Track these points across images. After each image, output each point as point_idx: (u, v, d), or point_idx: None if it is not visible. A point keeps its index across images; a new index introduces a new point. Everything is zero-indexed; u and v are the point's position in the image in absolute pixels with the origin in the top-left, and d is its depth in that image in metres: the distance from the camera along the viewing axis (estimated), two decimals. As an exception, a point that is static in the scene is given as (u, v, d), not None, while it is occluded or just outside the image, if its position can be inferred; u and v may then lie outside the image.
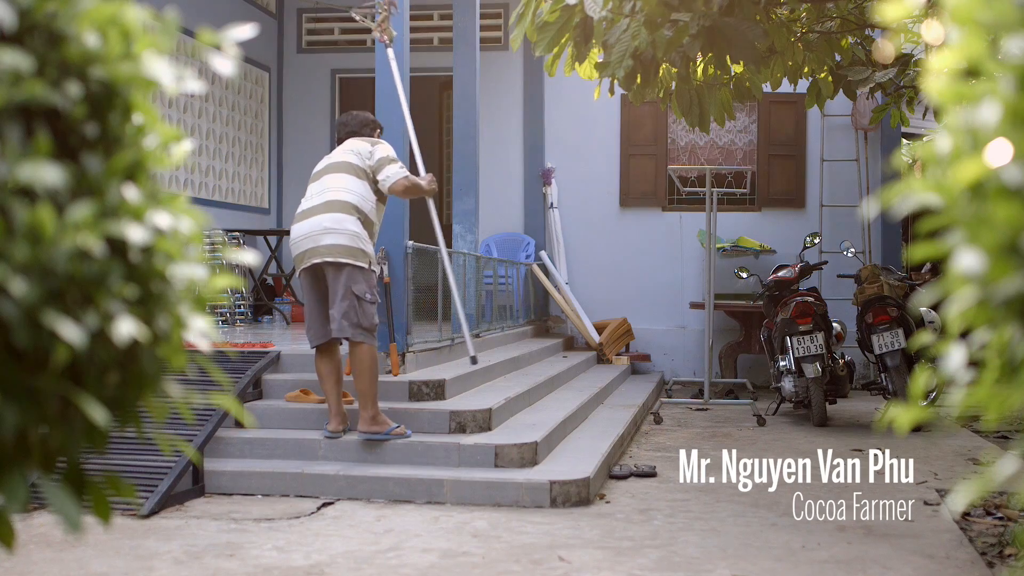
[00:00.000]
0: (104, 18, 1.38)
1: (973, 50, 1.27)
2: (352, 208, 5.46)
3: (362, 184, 5.55)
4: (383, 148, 5.66)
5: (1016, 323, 1.25)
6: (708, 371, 8.58)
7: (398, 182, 5.54)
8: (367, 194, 5.54)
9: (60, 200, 1.30)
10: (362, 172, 5.58)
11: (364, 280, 5.38)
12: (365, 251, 5.41)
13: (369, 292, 5.40)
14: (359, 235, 5.42)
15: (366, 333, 5.39)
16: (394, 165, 5.59)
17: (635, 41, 4.37)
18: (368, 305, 5.39)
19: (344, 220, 5.41)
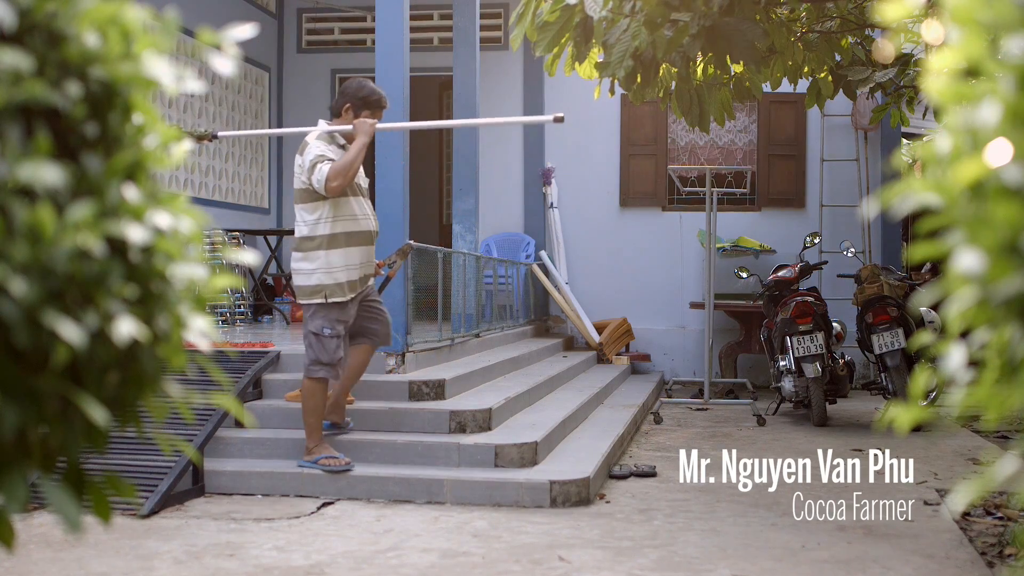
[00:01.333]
0: (104, 18, 1.38)
1: (973, 50, 1.27)
2: (300, 242, 5.22)
3: (307, 207, 5.21)
4: (308, 154, 5.19)
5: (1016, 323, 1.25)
6: (708, 371, 8.58)
7: (328, 186, 5.09)
8: (314, 216, 5.19)
9: (60, 200, 1.30)
10: (304, 194, 5.21)
11: (323, 315, 5.16)
12: (320, 285, 5.14)
13: (327, 327, 5.16)
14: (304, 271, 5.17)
15: (327, 368, 5.18)
16: (316, 168, 5.13)
17: (635, 41, 4.37)
18: (326, 340, 5.15)
19: (295, 260, 5.23)
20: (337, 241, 5.18)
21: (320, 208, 5.18)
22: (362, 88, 5.31)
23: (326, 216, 5.18)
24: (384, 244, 6.51)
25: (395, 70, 6.55)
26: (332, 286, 5.16)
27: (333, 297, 5.16)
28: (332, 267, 5.16)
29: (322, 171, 5.11)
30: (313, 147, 5.21)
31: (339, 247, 5.18)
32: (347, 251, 5.20)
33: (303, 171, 5.19)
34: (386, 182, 6.52)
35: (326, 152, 5.19)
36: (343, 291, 5.19)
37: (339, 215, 5.20)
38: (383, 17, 6.61)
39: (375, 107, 5.31)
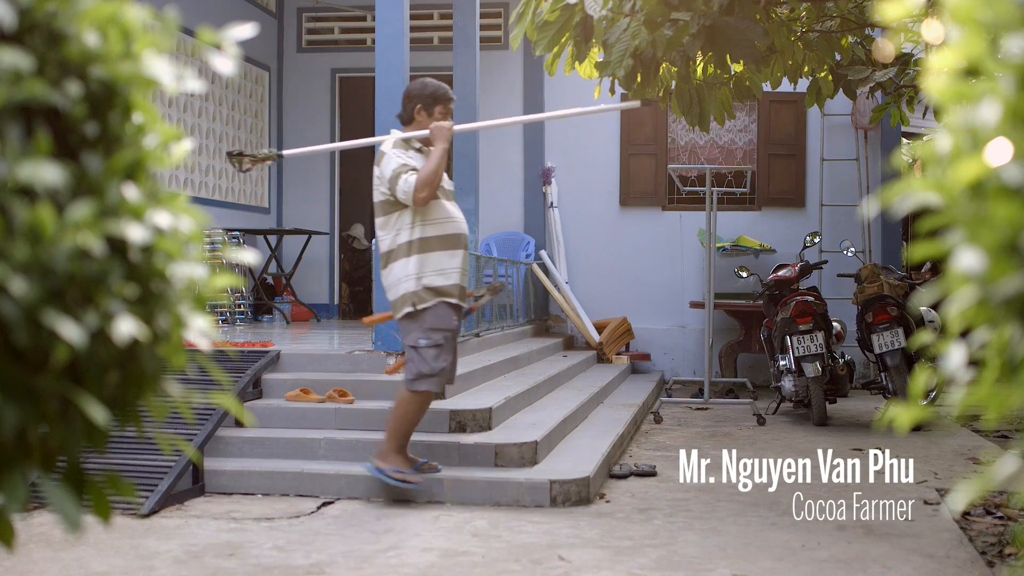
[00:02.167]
0: (104, 17, 1.38)
1: (973, 49, 1.27)
2: (385, 257, 4.97)
3: (389, 219, 4.97)
4: (387, 165, 4.96)
5: (1016, 322, 1.25)
6: (708, 370, 8.58)
7: (417, 197, 4.85)
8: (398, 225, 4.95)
9: (60, 199, 1.30)
10: (386, 205, 4.98)
11: (416, 326, 4.91)
12: (406, 295, 4.90)
13: (422, 337, 4.89)
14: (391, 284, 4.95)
15: (429, 380, 4.91)
16: (400, 180, 4.89)
17: (635, 40, 4.37)
18: (424, 351, 4.88)
19: (384, 276, 5.00)
20: (426, 245, 4.92)
21: (404, 216, 4.93)
22: (426, 86, 5.13)
23: (408, 223, 4.92)
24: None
25: (395, 69, 6.55)
26: (420, 292, 4.89)
27: (422, 304, 4.88)
28: (420, 272, 4.89)
29: (409, 182, 4.85)
30: (392, 157, 4.96)
31: (428, 252, 4.92)
32: (438, 255, 4.93)
33: (383, 182, 4.95)
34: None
35: (407, 160, 4.95)
36: (432, 296, 4.90)
37: (427, 219, 4.94)
38: (383, 16, 6.62)
39: (445, 100, 5.11)
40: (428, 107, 5.08)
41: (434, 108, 5.08)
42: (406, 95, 5.17)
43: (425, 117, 5.08)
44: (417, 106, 5.09)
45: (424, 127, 5.07)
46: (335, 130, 11.82)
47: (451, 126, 5.06)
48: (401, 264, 4.91)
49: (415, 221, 4.93)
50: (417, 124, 5.10)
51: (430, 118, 5.08)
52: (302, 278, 11.29)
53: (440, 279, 4.92)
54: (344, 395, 6.00)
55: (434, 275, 4.90)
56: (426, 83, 5.17)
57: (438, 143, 4.98)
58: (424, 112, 5.08)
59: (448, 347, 4.95)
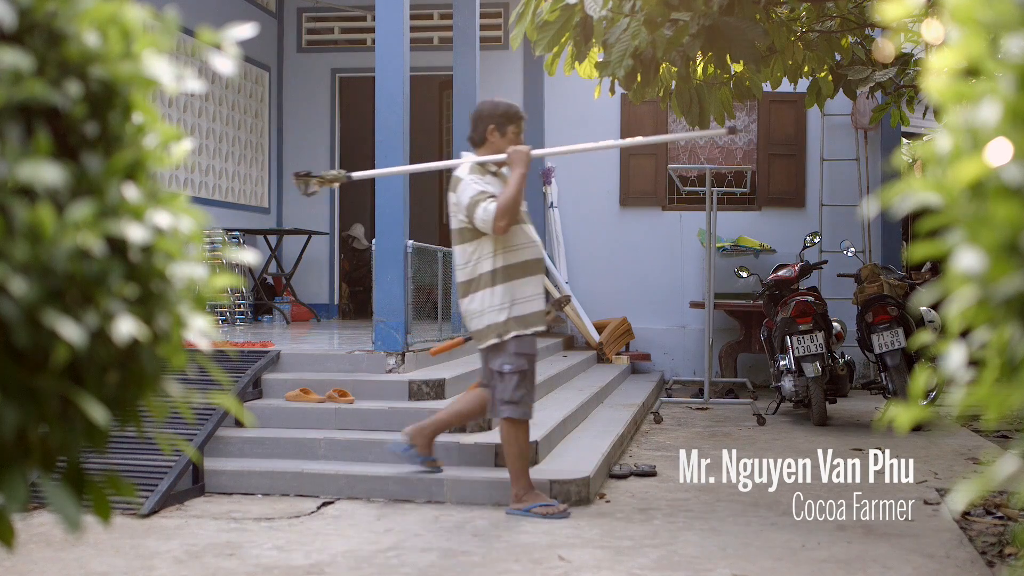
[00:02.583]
0: (104, 17, 1.38)
1: (973, 49, 1.27)
2: (465, 286, 4.92)
3: (467, 248, 4.89)
4: (464, 192, 4.85)
5: (1016, 322, 1.25)
6: (708, 370, 8.57)
7: (496, 226, 4.75)
8: (478, 254, 4.87)
9: (60, 199, 1.30)
10: (465, 232, 4.89)
11: (502, 353, 4.88)
12: (492, 325, 4.85)
13: (507, 363, 4.86)
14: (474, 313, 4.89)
15: (514, 407, 4.89)
16: (478, 208, 4.78)
17: (635, 40, 4.37)
18: (507, 376, 4.87)
19: (465, 304, 4.93)
20: (508, 274, 4.85)
21: (484, 244, 4.84)
22: (498, 105, 5.01)
23: (489, 251, 4.84)
24: (385, 243, 6.52)
25: (395, 69, 6.55)
26: (507, 323, 4.85)
27: (507, 334, 4.84)
28: (504, 303, 4.84)
29: (488, 210, 4.75)
30: (469, 183, 4.84)
31: (510, 280, 4.85)
32: (521, 283, 4.87)
33: (460, 210, 4.85)
34: (386, 182, 6.53)
35: (485, 187, 4.83)
36: (518, 326, 4.86)
37: (506, 247, 4.85)
38: (383, 16, 6.61)
39: (517, 120, 4.99)
40: (501, 127, 4.95)
41: (507, 128, 4.96)
42: (477, 116, 5.03)
43: (498, 138, 4.95)
44: (490, 127, 4.96)
45: (497, 148, 4.95)
46: (335, 130, 11.82)
47: (529, 150, 4.93)
48: (485, 294, 4.84)
49: (496, 249, 4.84)
50: (490, 145, 4.97)
51: (503, 138, 4.95)
52: (302, 278, 11.29)
53: (524, 308, 4.88)
54: (344, 395, 6.00)
55: (519, 304, 4.86)
56: (497, 103, 5.05)
57: (516, 168, 4.85)
58: (497, 133, 4.95)
59: (530, 373, 4.96)
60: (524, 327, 4.88)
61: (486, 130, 4.97)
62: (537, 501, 4.85)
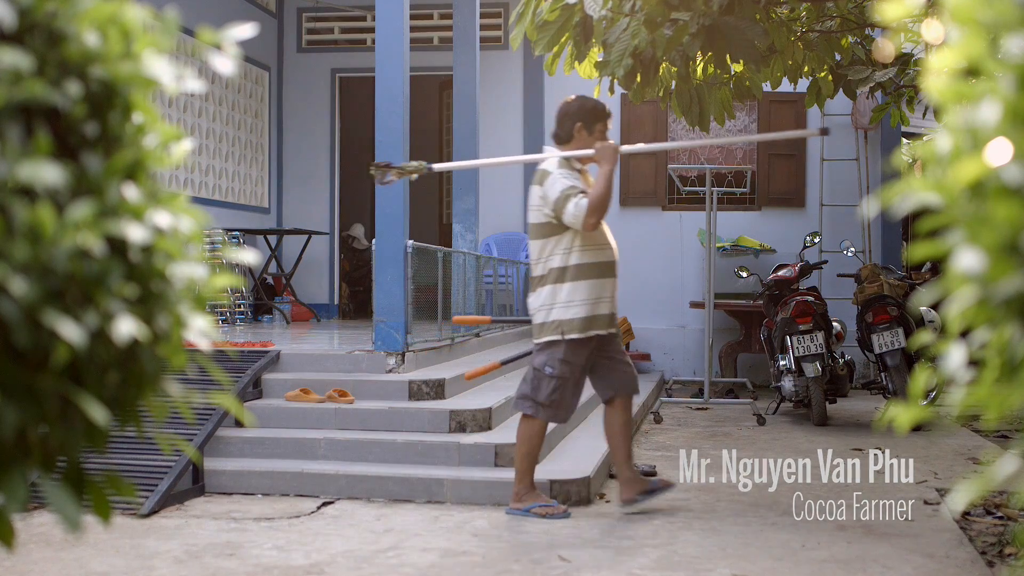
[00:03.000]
0: (104, 17, 1.38)
1: (973, 49, 1.27)
2: (538, 281, 4.85)
3: (547, 242, 4.84)
4: (553, 186, 4.80)
5: (1016, 322, 1.25)
6: (708, 370, 8.57)
7: (585, 221, 4.69)
8: (554, 249, 4.82)
9: (60, 199, 1.30)
10: (547, 227, 4.83)
11: (551, 351, 4.81)
12: (555, 321, 4.78)
13: (551, 366, 4.80)
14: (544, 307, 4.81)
15: (536, 407, 4.84)
16: (569, 203, 4.72)
17: (635, 40, 4.37)
18: (545, 379, 4.81)
19: (533, 300, 4.88)
20: (582, 272, 4.78)
21: (562, 239, 4.80)
22: (585, 103, 4.96)
23: (565, 247, 4.79)
24: (385, 243, 6.51)
25: (395, 69, 6.55)
26: (571, 321, 4.76)
27: (570, 334, 4.75)
28: (574, 301, 4.76)
29: (580, 205, 4.68)
30: (558, 178, 4.79)
31: (584, 279, 4.78)
32: (589, 283, 4.79)
33: (547, 203, 4.79)
34: (386, 181, 6.51)
35: (575, 182, 4.79)
36: (584, 327, 4.77)
37: (584, 245, 4.79)
38: (383, 16, 6.61)
39: (605, 117, 4.95)
40: (588, 125, 4.91)
41: (595, 126, 4.92)
42: (563, 113, 4.97)
43: (586, 136, 4.91)
44: (577, 124, 4.91)
45: (584, 145, 4.91)
46: (335, 130, 11.83)
47: (617, 147, 4.88)
48: (552, 290, 4.79)
49: (572, 246, 4.78)
50: (576, 142, 4.93)
51: (591, 136, 4.91)
52: (302, 278, 11.29)
53: (594, 308, 4.79)
54: (344, 395, 6.00)
55: (591, 304, 4.78)
56: (584, 99, 5.02)
57: (605, 164, 4.79)
58: (585, 130, 4.91)
59: (570, 383, 4.85)
60: (587, 329, 4.78)
61: (573, 127, 4.92)
62: (537, 501, 4.84)
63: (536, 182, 4.91)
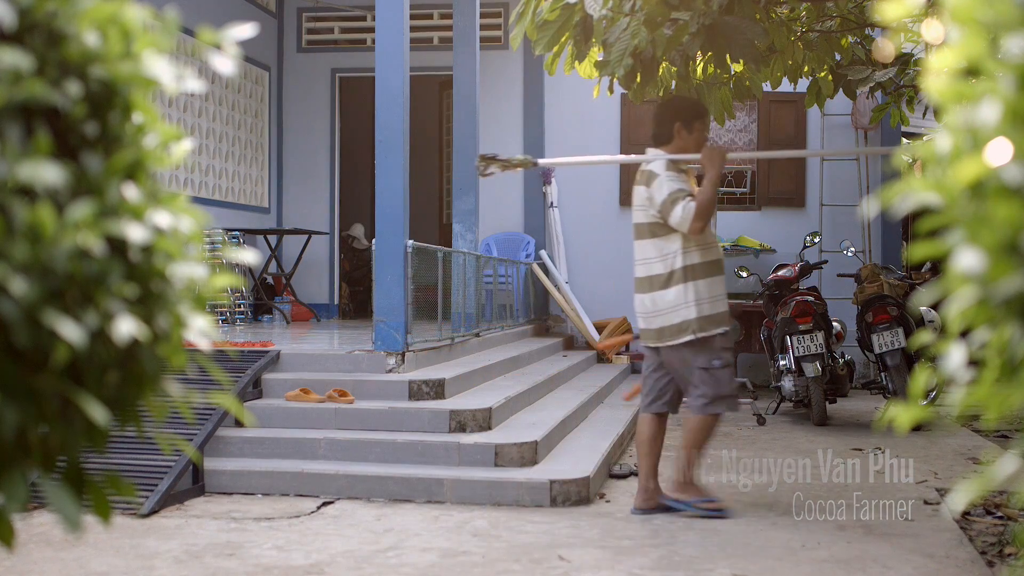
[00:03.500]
0: (104, 17, 1.38)
1: (973, 49, 1.27)
2: (662, 280, 4.80)
3: (659, 243, 4.81)
4: (660, 187, 4.77)
5: (1016, 322, 1.25)
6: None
7: (693, 227, 4.69)
8: (669, 249, 4.80)
9: (60, 199, 1.30)
10: (654, 227, 4.81)
11: (704, 350, 4.79)
12: (686, 321, 4.76)
13: (716, 358, 4.78)
14: (662, 311, 4.81)
15: (724, 402, 4.82)
16: (676, 207, 4.69)
17: (635, 40, 4.37)
18: (719, 372, 4.78)
19: (660, 299, 4.81)
20: (696, 272, 4.78)
21: (672, 240, 4.78)
22: (683, 102, 4.99)
23: (678, 248, 4.77)
24: (385, 242, 6.51)
25: (395, 69, 6.55)
26: (699, 320, 4.76)
27: (702, 332, 4.76)
28: (698, 300, 4.77)
29: (688, 209, 4.67)
30: (665, 180, 4.76)
31: (700, 278, 4.78)
32: (708, 282, 4.80)
33: (653, 205, 4.77)
34: (386, 181, 6.52)
35: (683, 185, 4.76)
36: (711, 324, 4.79)
37: (697, 245, 4.79)
38: (383, 16, 6.61)
39: (703, 115, 4.95)
40: (687, 123, 4.88)
41: (693, 124, 4.89)
42: (661, 113, 4.95)
43: (685, 135, 4.88)
44: (676, 124, 4.88)
45: (684, 145, 4.89)
46: (335, 130, 11.83)
47: (725, 151, 4.89)
48: (678, 290, 4.77)
49: (686, 247, 4.78)
50: (677, 142, 4.89)
51: (690, 135, 4.89)
52: (302, 278, 11.29)
53: (715, 306, 4.81)
54: (344, 395, 6.00)
55: (710, 302, 4.79)
56: (682, 99, 5.01)
57: (711, 169, 4.78)
58: (684, 130, 4.88)
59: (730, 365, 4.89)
60: (716, 326, 4.81)
61: (673, 127, 4.89)
62: (700, 496, 4.83)
63: (642, 183, 4.87)
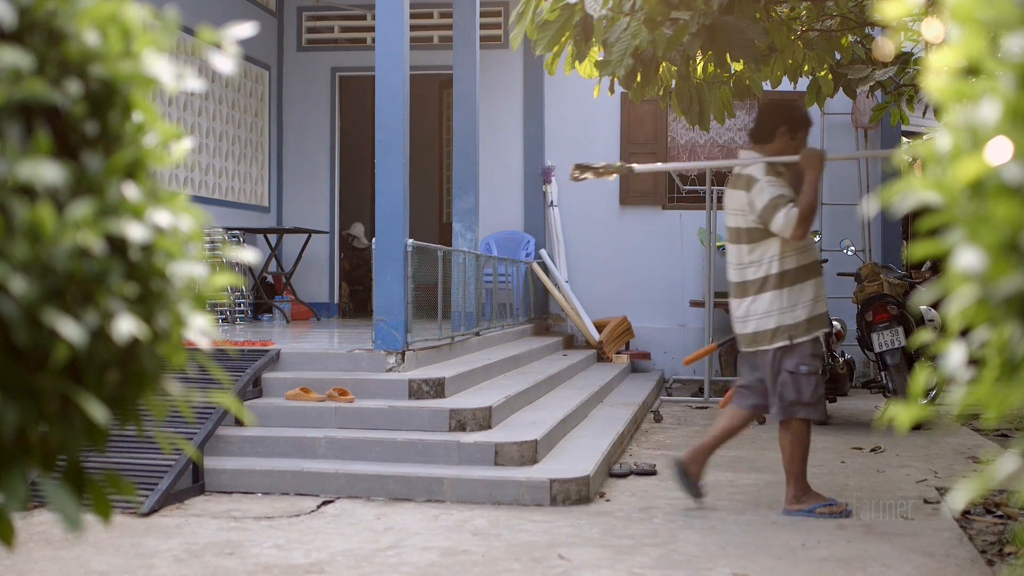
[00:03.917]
0: (104, 16, 1.38)
1: (973, 48, 1.27)
2: (757, 285, 4.79)
3: (755, 248, 4.78)
4: (760, 192, 4.73)
5: (1016, 321, 1.25)
6: (708, 369, 8.58)
7: (794, 232, 4.65)
8: (765, 254, 4.78)
9: (60, 198, 1.30)
10: (754, 232, 4.78)
11: (795, 354, 4.77)
12: (782, 327, 4.75)
13: (804, 364, 4.77)
14: (757, 315, 4.80)
15: (807, 408, 4.78)
16: (778, 213, 4.67)
17: (635, 40, 4.37)
18: (804, 378, 4.75)
19: (752, 305, 4.82)
20: (792, 276, 4.76)
21: (771, 245, 4.76)
22: (794, 109, 4.97)
23: (776, 253, 4.75)
24: (384, 241, 6.52)
25: (395, 68, 6.55)
26: (798, 325, 4.76)
27: (797, 338, 4.75)
28: (792, 304, 4.76)
29: (791, 215, 4.63)
30: (766, 185, 4.73)
31: (796, 283, 4.77)
32: (804, 286, 4.78)
33: (753, 210, 4.74)
34: (386, 180, 6.52)
35: (783, 190, 4.73)
36: (807, 329, 4.77)
37: (795, 249, 4.77)
38: (383, 15, 6.61)
39: (808, 127, 4.95)
40: (793, 130, 4.88)
41: (799, 133, 4.88)
42: (768, 113, 4.94)
43: (787, 140, 4.87)
44: (782, 128, 4.88)
45: (783, 149, 4.87)
46: (335, 129, 11.83)
47: (823, 154, 4.84)
48: (774, 296, 4.75)
49: (785, 251, 4.75)
50: (776, 144, 4.89)
51: (792, 141, 4.87)
52: (302, 277, 11.29)
53: (814, 310, 4.80)
54: (344, 394, 6.00)
55: (808, 306, 4.78)
56: (793, 105, 5.00)
57: (811, 171, 4.74)
58: (788, 135, 4.87)
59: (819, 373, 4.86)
60: (814, 329, 4.80)
61: (777, 129, 4.88)
62: (818, 502, 4.81)
63: (740, 187, 4.84)
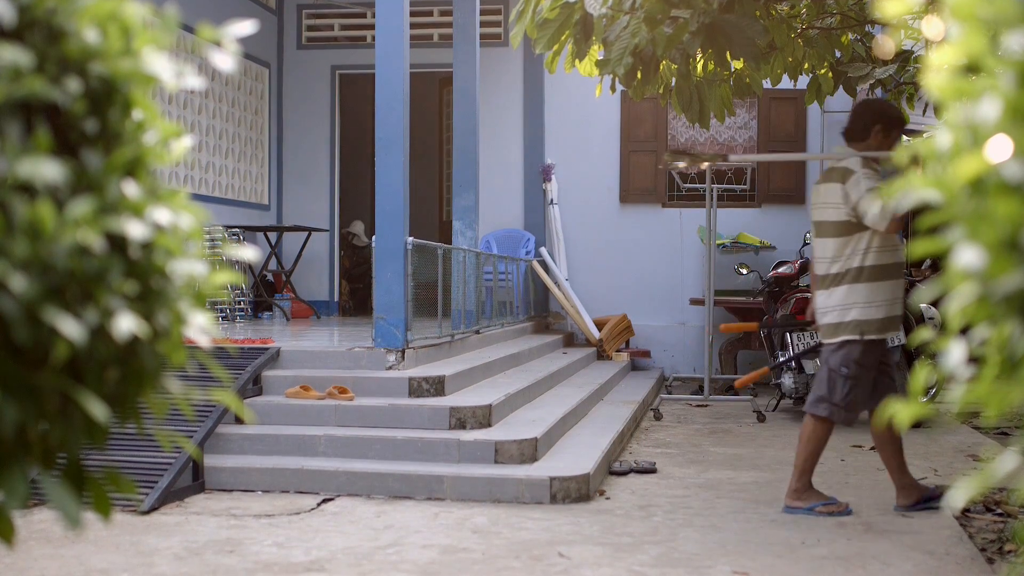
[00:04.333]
0: (104, 14, 1.38)
1: (973, 46, 1.27)
2: (837, 279, 4.76)
3: (843, 242, 4.75)
4: (857, 183, 4.69)
5: (1016, 319, 1.25)
6: (708, 367, 8.58)
7: (887, 224, 4.59)
8: (851, 249, 4.74)
9: (60, 196, 1.30)
10: (846, 226, 4.74)
11: (845, 352, 4.75)
12: (854, 321, 4.71)
13: (847, 367, 4.74)
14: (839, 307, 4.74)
15: (831, 408, 4.77)
16: (874, 204, 4.59)
17: (635, 38, 4.37)
18: (841, 379, 4.74)
19: (827, 299, 4.80)
20: (870, 274, 4.72)
21: (860, 240, 4.72)
22: (890, 109, 4.95)
23: (862, 248, 4.71)
24: (384, 241, 6.51)
25: (395, 66, 6.55)
26: (871, 322, 4.71)
27: (869, 335, 4.70)
28: (874, 301, 4.70)
29: (887, 208, 4.53)
30: (862, 178, 4.69)
31: (882, 279, 4.72)
32: (879, 285, 4.72)
33: (848, 202, 4.69)
34: (386, 178, 6.52)
35: (879, 183, 4.68)
36: (883, 327, 4.74)
37: (880, 246, 4.72)
38: (383, 13, 6.61)
39: (902, 127, 4.92)
40: (887, 129, 4.87)
41: (893, 132, 4.87)
42: (865, 111, 4.94)
43: (881, 139, 4.86)
44: (877, 126, 4.87)
45: (878, 146, 4.86)
46: (335, 127, 11.82)
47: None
48: (849, 289, 4.73)
49: (871, 246, 4.71)
50: (871, 142, 4.88)
51: (886, 139, 4.85)
52: (302, 275, 11.29)
53: (888, 310, 4.74)
54: (344, 392, 6.00)
55: (885, 305, 4.73)
56: (890, 105, 4.98)
57: None
58: (882, 133, 4.86)
59: (861, 383, 4.78)
60: (885, 330, 4.76)
61: (872, 127, 4.87)
62: (819, 500, 4.81)
63: (835, 179, 4.79)
